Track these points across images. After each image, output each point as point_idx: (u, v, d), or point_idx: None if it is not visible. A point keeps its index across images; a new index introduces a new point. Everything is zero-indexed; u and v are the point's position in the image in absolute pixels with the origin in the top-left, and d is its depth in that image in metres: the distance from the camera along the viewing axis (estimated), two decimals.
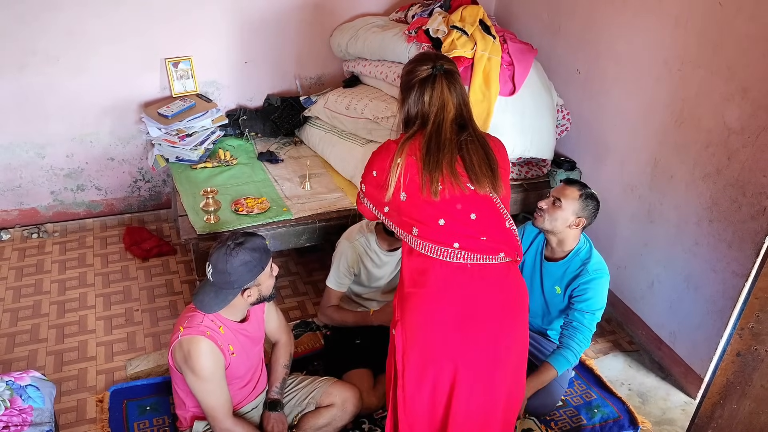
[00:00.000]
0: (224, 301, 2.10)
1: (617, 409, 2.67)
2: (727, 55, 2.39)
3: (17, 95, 3.36)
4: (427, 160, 1.90)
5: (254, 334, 2.28)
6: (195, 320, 2.11)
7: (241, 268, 2.06)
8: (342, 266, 2.62)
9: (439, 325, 1.93)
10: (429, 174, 1.89)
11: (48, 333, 2.97)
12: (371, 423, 2.55)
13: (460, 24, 3.06)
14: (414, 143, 1.94)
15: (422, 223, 1.91)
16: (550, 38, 3.43)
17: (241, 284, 2.09)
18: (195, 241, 2.82)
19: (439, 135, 1.93)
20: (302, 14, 3.68)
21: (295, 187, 3.23)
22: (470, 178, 1.93)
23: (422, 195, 1.90)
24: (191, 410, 2.27)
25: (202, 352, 2.06)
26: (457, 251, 1.90)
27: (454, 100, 1.96)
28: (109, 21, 3.34)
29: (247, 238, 2.11)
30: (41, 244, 3.58)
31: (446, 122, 1.94)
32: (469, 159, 1.93)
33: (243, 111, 3.70)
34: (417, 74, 1.96)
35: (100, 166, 3.69)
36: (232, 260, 2.05)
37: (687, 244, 2.70)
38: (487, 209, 1.94)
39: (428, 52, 2.02)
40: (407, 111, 2.01)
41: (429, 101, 1.94)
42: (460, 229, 1.90)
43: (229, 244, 2.07)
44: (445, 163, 1.90)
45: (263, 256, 2.12)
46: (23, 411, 2.08)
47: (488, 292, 1.95)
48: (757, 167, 2.33)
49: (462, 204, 1.91)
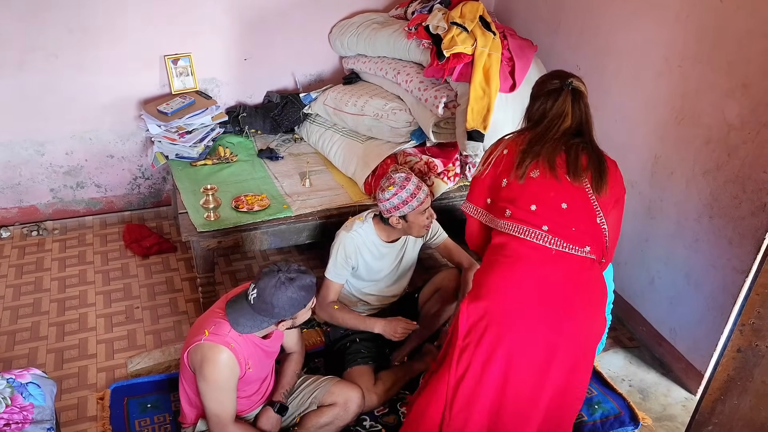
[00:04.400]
0: (259, 327, 2.09)
1: (618, 405, 2.67)
2: (727, 51, 2.39)
3: (17, 92, 3.36)
4: (527, 149, 2.03)
5: (272, 349, 2.28)
6: (222, 328, 2.07)
7: (286, 303, 2.04)
8: (340, 257, 2.59)
9: (512, 292, 1.99)
10: (525, 158, 2.01)
11: (48, 331, 2.97)
12: (372, 420, 2.56)
13: (460, 20, 3.06)
14: (521, 137, 2.10)
15: (515, 206, 2.02)
16: (550, 34, 3.42)
17: (281, 317, 2.08)
18: (195, 239, 2.82)
19: (546, 133, 2.04)
20: (302, 11, 3.67)
21: (295, 184, 3.23)
22: (568, 170, 2.00)
23: (517, 178, 2.02)
24: (198, 408, 2.26)
25: (221, 362, 2.04)
26: (545, 234, 1.97)
27: (575, 114, 2.04)
28: (108, 18, 3.33)
29: (299, 275, 2.06)
30: (41, 242, 3.58)
31: (559, 128, 2.04)
32: (574, 155, 2.01)
33: (243, 108, 3.70)
34: (547, 86, 2.09)
35: (100, 163, 3.69)
36: (280, 294, 2.02)
37: (687, 241, 2.70)
38: (580, 201, 2.00)
39: (563, 71, 2.15)
40: (529, 116, 2.14)
41: (549, 109, 2.05)
42: (551, 215, 1.98)
43: (281, 277, 2.03)
44: (544, 152, 2.01)
45: (309, 294, 2.10)
46: (24, 409, 2.08)
47: (566, 280, 1.98)
48: (758, 163, 2.33)
49: (555, 192, 1.99)
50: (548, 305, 1.99)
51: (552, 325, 1.99)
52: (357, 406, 2.43)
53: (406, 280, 2.84)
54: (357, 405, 2.43)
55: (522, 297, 2.00)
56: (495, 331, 2.00)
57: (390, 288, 2.78)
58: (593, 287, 2.04)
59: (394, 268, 2.72)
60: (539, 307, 1.99)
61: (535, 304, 1.99)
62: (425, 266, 3.38)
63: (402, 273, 2.78)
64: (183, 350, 2.14)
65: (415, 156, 3.13)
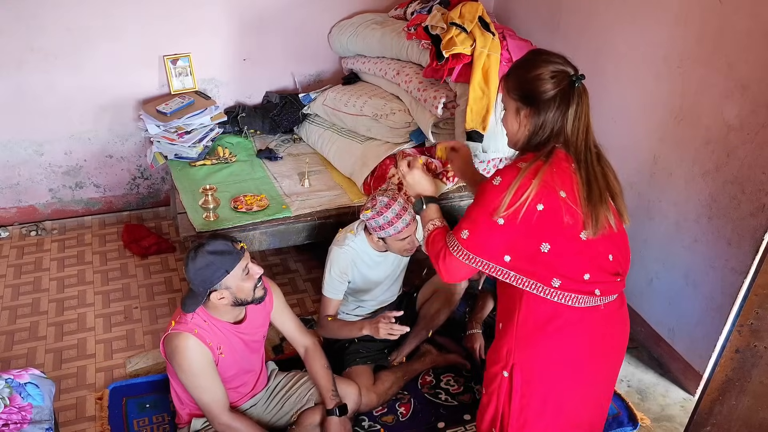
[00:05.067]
0: (196, 302, 2.10)
1: (616, 405, 2.67)
2: (727, 52, 2.39)
3: (15, 92, 3.36)
4: (588, 211, 1.64)
5: (250, 337, 2.26)
6: (185, 317, 2.12)
7: (202, 272, 2.03)
8: (334, 272, 2.55)
9: (571, 364, 1.82)
10: (593, 211, 1.64)
11: (47, 331, 2.96)
12: (371, 420, 2.56)
13: (459, 21, 3.06)
14: (558, 171, 1.65)
15: (566, 277, 1.69)
16: (550, 35, 3.42)
17: (206, 287, 2.06)
18: (194, 239, 2.82)
19: (588, 168, 1.67)
20: (301, 11, 3.67)
21: (294, 185, 3.22)
22: (617, 211, 1.73)
23: (579, 238, 1.66)
24: (188, 406, 2.28)
25: (188, 348, 2.07)
26: (597, 297, 1.74)
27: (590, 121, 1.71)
28: (107, 18, 3.33)
29: (210, 240, 2.07)
30: (40, 242, 3.58)
31: (590, 149, 1.70)
32: (613, 190, 1.72)
33: (242, 108, 3.70)
34: (551, 83, 1.66)
35: (99, 163, 3.69)
36: (191, 264, 2.05)
37: (686, 241, 2.70)
38: (623, 246, 1.80)
39: (547, 53, 1.74)
40: (539, 128, 1.69)
41: (574, 119, 1.66)
42: (602, 276, 1.73)
43: (191, 249, 2.07)
44: (598, 202, 1.65)
45: (226, 258, 2.05)
46: (22, 409, 2.07)
47: (615, 325, 1.86)
48: (757, 164, 2.33)
49: (603, 247, 1.72)
50: (605, 361, 1.88)
51: (609, 377, 1.93)
52: (354, 403, 2.43)
53: (400, 281, 2.85)
54: (354, 402, 2.43)
55: (579, 369, 1.84)
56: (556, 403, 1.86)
57: (385, 293, 2.78)
58: (626, 315, 1.92)
59: (390, 273, 2.72)
60: (599, 366, 1.87)
61: (589, 371, 1.85)
62: (423, 266, 3.37)
63: (397, 277, 2.79)
64: (161, 348, 2.18)
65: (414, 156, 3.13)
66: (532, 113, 1.69)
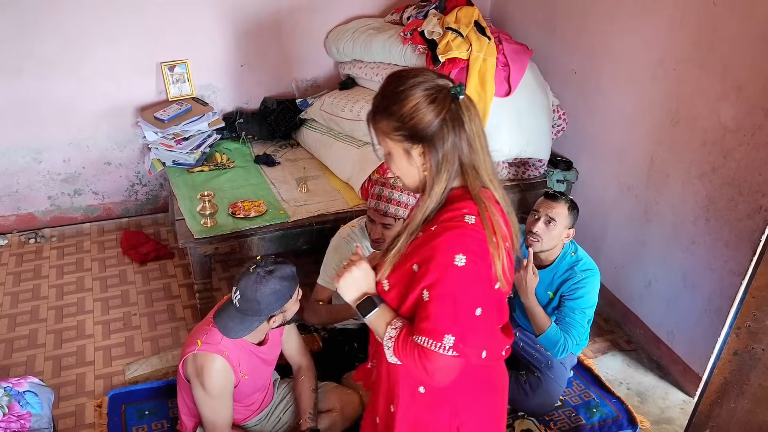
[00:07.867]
0: (249, 327, 2.06)
1: (616, 408, 2.67)
2: (722, 54, 2.39)
3: (13, 100, 3.36)
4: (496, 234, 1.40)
5: (269, 357, 2.26)
6: (214, 337, 2.06)
7: (270, 297, 2.01)
8: (334, 262, 2.57)
9: (501, 418, 1.69)
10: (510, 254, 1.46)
11: (46, 338, 2.96)
12: None
13: (455, 25, 3.07)
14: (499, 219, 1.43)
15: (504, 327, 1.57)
16: (546, 38, 3.43)
17: (269, 312, 2.05)
18: (192, 245, 2.82)
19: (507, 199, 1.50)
20: (298, 17, 3.68)
21: (291, 190, 3.23)
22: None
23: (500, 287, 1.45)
24: (196, 416, 2.26)
25: (216, 370, 2.03)
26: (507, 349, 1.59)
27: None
28: (105, 25, 3.34)
29: (277, 266, 2.05)
30: (39, 249, 3.58)
31: (497, 175, 1.53)
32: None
33: (239, 114, 3.70)
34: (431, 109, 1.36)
35: (97, 170, 3.69)
36: (262, 289, 2.00)
37: (684, 243, 2.70)
38: None
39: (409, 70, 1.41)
40: (441, 163, 1.39)
41: (466, 141, 1.41)
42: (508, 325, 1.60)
43: (259, 272, 2.01)
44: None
45: (292, 284, 2.07)
46: (21, 417, 2.07)
47: None
48: (753, 165, 2.33)
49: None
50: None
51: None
52: (354, 412, 2.42)
53: None
54: (354, 410, 2.42)
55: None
56: None
57: None
58: None
59: None
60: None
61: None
62: None
63: None
64: (180, 363, 2.14)
65: None
66: (427, 149, 1.39)
